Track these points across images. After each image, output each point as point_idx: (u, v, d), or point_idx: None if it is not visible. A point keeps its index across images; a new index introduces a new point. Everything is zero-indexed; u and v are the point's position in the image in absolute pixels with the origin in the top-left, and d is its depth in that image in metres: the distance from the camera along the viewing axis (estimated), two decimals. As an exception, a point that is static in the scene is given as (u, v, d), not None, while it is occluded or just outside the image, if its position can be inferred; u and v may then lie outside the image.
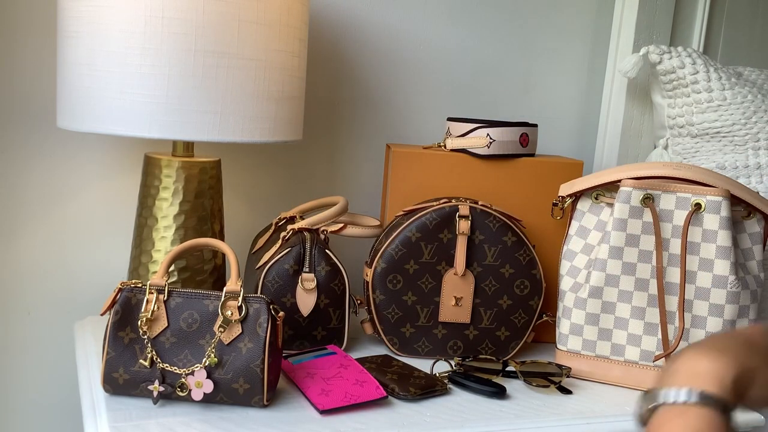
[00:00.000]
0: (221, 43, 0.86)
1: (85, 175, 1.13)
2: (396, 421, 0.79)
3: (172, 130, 0.86)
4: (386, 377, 0.88)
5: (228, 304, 0.78)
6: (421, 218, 0.97)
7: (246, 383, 0.77)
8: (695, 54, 1.19)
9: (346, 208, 1.06)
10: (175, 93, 0.86)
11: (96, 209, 1.14)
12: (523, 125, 1.08)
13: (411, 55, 1.28)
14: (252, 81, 0.89)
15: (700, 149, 1.18)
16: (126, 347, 0.78)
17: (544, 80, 1.37)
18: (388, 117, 1.28)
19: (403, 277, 0.97)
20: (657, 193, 0.90)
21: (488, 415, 0.83)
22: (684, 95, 1.19)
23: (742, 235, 0.91)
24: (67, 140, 1.11)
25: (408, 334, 0.99)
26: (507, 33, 1.33)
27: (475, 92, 1.33)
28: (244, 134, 0.90)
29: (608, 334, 0.93)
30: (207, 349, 0.77)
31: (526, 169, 1.08)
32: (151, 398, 0.78)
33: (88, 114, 0.88)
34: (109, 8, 0.84)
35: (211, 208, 1.01)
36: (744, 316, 0.88)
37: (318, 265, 0.95)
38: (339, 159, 1.27)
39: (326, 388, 0.82)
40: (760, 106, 1.15)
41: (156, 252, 0.99)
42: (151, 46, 0.85)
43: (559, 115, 1.39)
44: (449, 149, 1.09)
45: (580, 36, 1.37)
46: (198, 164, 0.99)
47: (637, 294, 0.91)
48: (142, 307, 0.78)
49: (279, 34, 0.91)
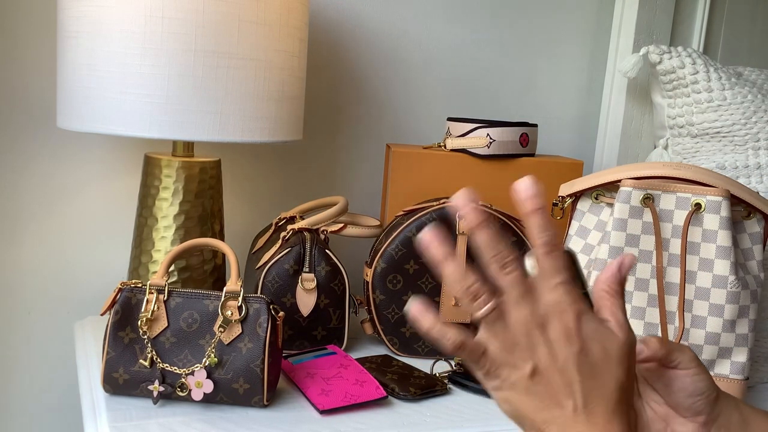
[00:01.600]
0: (221, 43, 0.86)
1: (85, 175, 1.13)
2: (396, 421, 0.79)
3: (172, 130, 0.86)
4: (386, 377, 0.88)
5: (228, 304, 0.78)
6: (421, 218, 0.97)
7: (246, 383, 0.77)
8: (695, 54, 1.18)
9: (346, 208, 1.06)
10: (175, 93, 0.86)
11: (96, 209, 1.14)
12: (523, 125, 1.08)
13: (411, 55, 1.28)
14: (252, 81, 0.89)
15: (700, 149, 1.18)
16: (126, 347, 0.78)
17: (544, 80, 1.37)
18: (388, 117, 1.28)
19: (403, 277, 0.97)
20: (657, 193, 0.90)
21: (488, 415, 0.83)
22: (684, 95, 1.18)
23: (742, 235, 0.91)
24: (67, 140, 1.11)
25: (408, 334, 0.99)
26: (507, 33, 1.33)
27: (475, 92, 1.33)
28: (244, 134, 0.90)
29: (608, 334, 0.93)
30: (207, 349, 0.77)
31: (526, 169, 1.08)
32: (151, 398, 0.78)
33: (88, 114, 0.88)
34: (109, 8, 0.84)
35: (211, 208, 1.01)
36: (744, 316, 0.88)
37: (318, 265, 0.95)
38: (339, 159, 1.27)
39: (326, 388, 0.82)
40: (760, 106, 1.15)
41: (156, 252, 0.99)
42: (151, 46, 0.85)
43: (559, 115, 1.39)
44: (449, 149, 1.08)
45: (580, 36, 1.37)
46: (198, 164, 0.99)
47: (637, 294, 0.91)
48: (142, 307, 0.78)
49: (279, 34, 0.91)
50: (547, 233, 0.49)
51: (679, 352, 0.57)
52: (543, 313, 0.48)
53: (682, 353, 0.57)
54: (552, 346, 0.48)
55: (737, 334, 0.88)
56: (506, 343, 0.48)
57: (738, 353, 0.89)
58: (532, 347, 0.48)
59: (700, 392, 0.57)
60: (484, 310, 0.47)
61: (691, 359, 0.57)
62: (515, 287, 0.48)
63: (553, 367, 0.48)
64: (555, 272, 0.49)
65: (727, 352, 0.89)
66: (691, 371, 0.57)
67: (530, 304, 0.48)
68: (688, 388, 0.57)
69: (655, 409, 0.59)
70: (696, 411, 0.57)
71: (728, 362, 0.89)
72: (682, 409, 0.57)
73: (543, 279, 0.49)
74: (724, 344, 0.88)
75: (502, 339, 0.48)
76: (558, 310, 0.48)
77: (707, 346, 0.88)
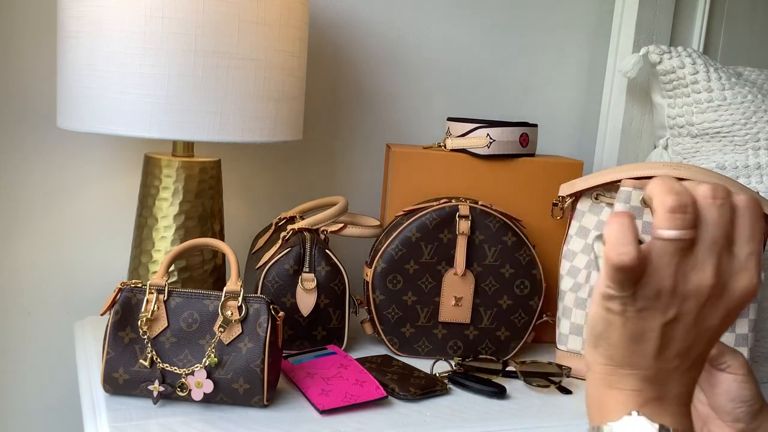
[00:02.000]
0: (221, 43, 0.86)
1: (85, 175, 1.13)
2: (396, 421, 0.79)
3: (172, 130, 0.86)
4: (386, 377, 0.88)
5: (228, 304, 0.78)
6: (421, 218, 0.97)
7: (246, 383, 0.77)
8: (695, 54, 1.18)
9: (346, 208, 1.06)
10: (175, 93, 0.86)
11: (96, 209, 1.14)
12: (523, 125, 1.08)
13: (411, 55, 1.28)
14: (252, 81, 0.89)
15: (700, 149, 1.18)
16: (126, 347, 0.78)
17: (544, 80, 1.37)
18: (388, 117, 1.28)
19: (403, 277, 0.97)
20: (657, 193, 0.89)
21: (488, 415, 0.83)
22: (684, 95, 1.18)
23: (742, 235, 0.91)
24: (67, 140, 1.11)
25: (408, 334, 0.99)
26: (507, 33, 1.33)
27: (475, 92, 1.33)
28: (244, 134, 0.90)
29: (608, 334, 0.93)
30: (207, 349, 0.77)
31: (526, 169, 1.08)
32: (151, 398, 0.78)
33: (88, 114, 0.88)
34: (109, 8, 0.84)
35: (211, 208, 1.01)
36: (744, 316, 0.88)
37: (318, 265, 0.95)
38: (339, 159, 1.27)
39: (326, 388, 0.82)
40: (760, 106, 1.15)
41: (156, 252, 0.99)
42: (151, 46, 0.85)
43: (559, 115, 1.39)
44: (449, 149, 1.08)
45: (580, 36, 1.37)
46: (198, 164, 0.99)
47: (637, 294, 0.91)
48: (142, 307, 0.78)
49: (279, 34, 0.91)
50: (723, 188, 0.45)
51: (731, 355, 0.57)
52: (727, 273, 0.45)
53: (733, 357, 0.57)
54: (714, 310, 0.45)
55: (737, 334, 0.88)
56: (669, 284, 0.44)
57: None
58: (687, 297, 0.45)
59: (744, 400, 0.57)
60: (683, 230, 0.43)
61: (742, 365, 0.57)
62: (721, 225, 0.44)
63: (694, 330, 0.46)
64: (753, 237, 0.45)
65: (727, 352, 0.89)
66: (739, 377, 0.57)
67: (722, 257, 0.45)
68: (733, 393, 0.57)
69: (698, 407, 0.59)
70: (736, 417, 0.57)
71: (728, 362, 0.89)
72: (723, 413, 0.57)
73: (740, 241, 0.45)
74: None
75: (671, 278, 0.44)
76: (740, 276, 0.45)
77: (707, 346, 0.88)
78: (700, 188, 0.45)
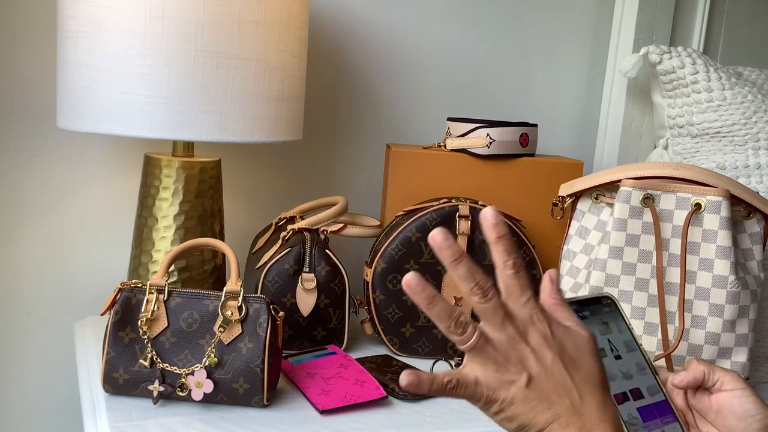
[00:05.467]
0: (221, 43, 0.86)
1: (85, 175, 1.13)
2: (396, 421, 0.79)
3: (172, 130, 0.86)
4: (386, 377, 0.88)
5: (228, 304, 0.78)
6: (421, 218, 0.97)
7: (246, 383, 0.77)
8: (695, 54, 1.18)
9: (346, 208, 1.06)
10: (175, 93, 0.86)
11: (96, 209, 1.14)
12: (523, 125, 1.08)
13: (411, 55, 1.28)
14: (252, 81, 0.89)
15: (700, 149, 1.18)
16: (126, 347, 0.78)
17: (544, 80, 1.37)
18: (388, 117, 1.28)
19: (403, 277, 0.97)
20: (657, 193, 0.90)
21: (488, 415, 0.83)
22: (684, 95, 1.19)
23: (742, 235, 0.91)
24: (67, 140, 1.11)
25: (408, 334, 0.99)
26: (507, 33, 1.33)
27: (475, 92, 1.33)
28: (244, 134, 0.90)
29: (608, 334, 0.93)
30: (207, 349, 0.77)
31: (526, 169, 1.08)
32: (151, 398, 0.78)
33: (88, 114, 0.88)
34: (109, 8, 0.84)
35: (211, 208, 1.01)
36: (744, 316, 0.88)
37: (318, 265, 0.95)
38: (339, 159, 1.27)
39: (326, 388, 0.82)
40: (760, 106, 1.15)
41: (156, 252, 0.99)
42: (151, 46, 0.85)
43: (559, 115, 1.39)
44: (449, 149, 1.08)
45: (580, 36, 1.37)
46: (198, 164, 0.99)
47: (637, 294, 0.91)
48: (142, 307, 0.78)
49: (279, 34, 0.91)
50: (512, 257, 0.52)
51: (721, 372, 0.58)
52: (522, 327, 0.52)
53: (724, 373, 0.58)
54: (537, 353, 0.51)
55: (737, 334, 0.88)
56: (499, 363, 0.51)
57: (738, 353, 0.89)
58: (522, 359, 0.51)
59: (751, 414, 0.57)
60: (473, 339, 0.50)
61: (735, 379, 0.58)
62: (497, 311, 0.51)
63: (543, 370, 0.51)
64: (523, 290, 0.52)
65: (727, 352, 0.89)
66: (737, 391, 0.57)
67: (511, 323, 0.51)
68: (738, 410, 0.57)
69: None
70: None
71: (728, 362, 0.89)
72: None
73: (513, 298, 0.52)
74: (724, 344, 0.88)
75: (494, 361, 0.51)
76: (532, 321, 0.52)
77: (707, 346, 0.88)
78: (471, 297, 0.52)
